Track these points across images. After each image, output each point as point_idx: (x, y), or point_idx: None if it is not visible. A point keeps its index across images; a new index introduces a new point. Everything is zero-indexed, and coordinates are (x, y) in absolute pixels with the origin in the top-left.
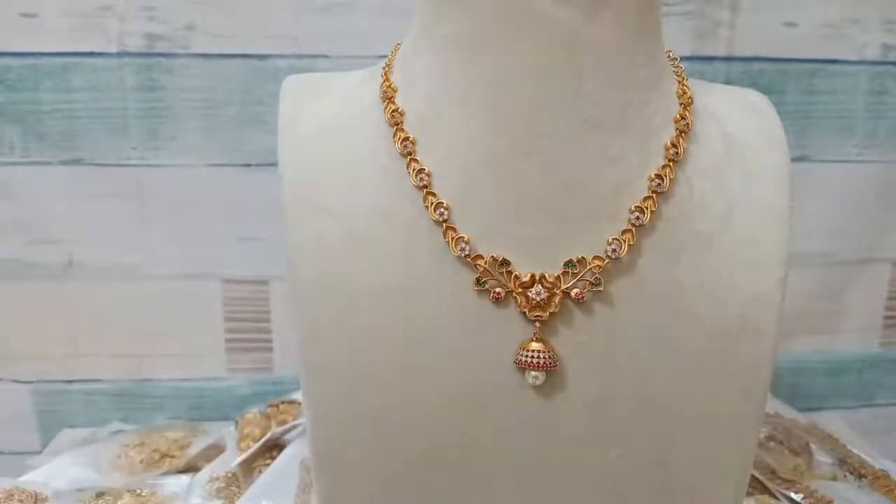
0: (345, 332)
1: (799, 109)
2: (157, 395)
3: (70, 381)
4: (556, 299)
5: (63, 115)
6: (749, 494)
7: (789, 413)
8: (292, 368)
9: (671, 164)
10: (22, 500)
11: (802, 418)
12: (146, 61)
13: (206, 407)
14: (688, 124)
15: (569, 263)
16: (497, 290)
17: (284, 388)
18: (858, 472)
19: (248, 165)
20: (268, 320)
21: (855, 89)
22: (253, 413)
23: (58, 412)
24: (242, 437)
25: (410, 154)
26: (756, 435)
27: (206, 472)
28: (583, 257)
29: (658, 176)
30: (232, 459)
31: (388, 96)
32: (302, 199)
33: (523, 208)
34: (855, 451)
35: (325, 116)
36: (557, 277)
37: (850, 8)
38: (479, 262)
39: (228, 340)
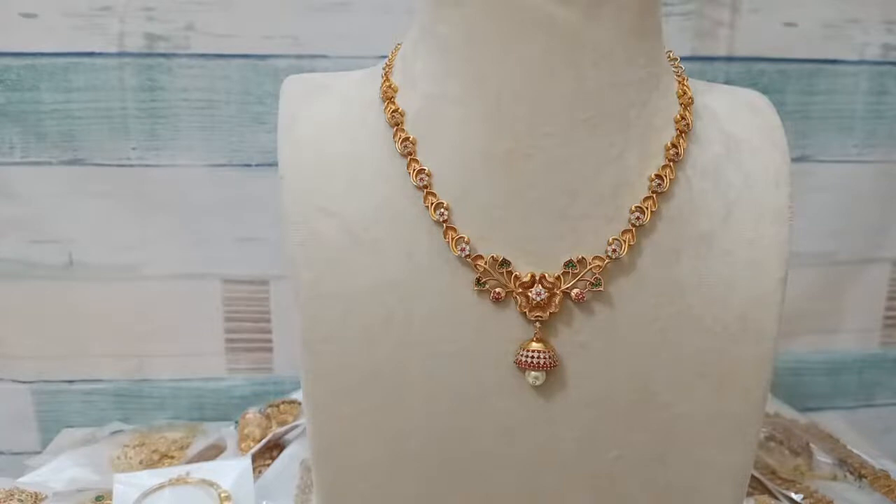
0: (345, 332)
1: (799, 109)
2: (157, 395)
3: (70, 381)
4: (557, 299)
5: (63, 115)
6: (749, 494)
7: (789, 413)
8: (292, 368)
9: (671, 164)
10: (22, 500)
11: (802, 418)
12: (146, 61)
13: (206, 407)
14: (688, 124)
15: (569, 263)
16: (497, 290)
17: (284, 388)
18: (858, 472)
19: (248, 165)
20: (268, 320)
21: (855, 89)
22: (253, 413)
23: (58, 412)
24: (243, 438)
25: (411, 154)
26: (756, 435)
27: None
28: (583, 257)
29: (658, 176)
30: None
31: (388, 96)
32: (302, 199)
33: (523, 208)
34: (855, 451)
35: (325, 117)
36: (557, 277)
37: (850, 8)
38: (479, 262)
39: (228, 340)
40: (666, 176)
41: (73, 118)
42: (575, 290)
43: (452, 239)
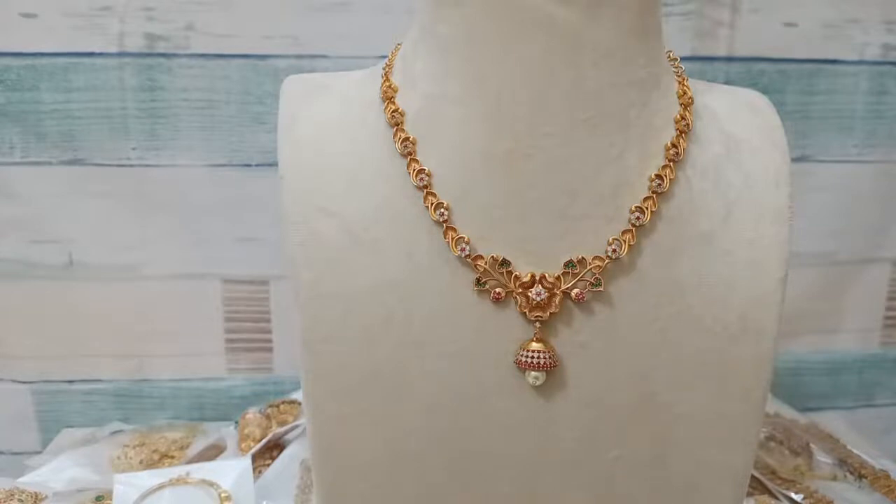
0: (345, 332)
1: (799, 109)
2: (157, 395)
3: (70, 381)
4: (557, 299)
5: (63, 115)
6: (749, 494)
7: (789, 413)
8: (292, 368)
9: (671, 164)
10: (22, 500)
11: (802, 418)
12: (146, 61)
13: (206, 407)
14: (688, 124)
15: (569, 264)
16: (497, 290)
17: (284, 388)
18: (858, 472)
19: (248, 165)
20: (268, 320)
21: (855, 89)
22: (253, 413)
23: (58, 412)
24: (243, 438)
25: (411, 154)
26: (756, 435)
27: None
28: (583, 257)
29: (658, 176)
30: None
31: (388, 96)
32: (302, 199)
33: (523, 208)
34: (855, 451)
35: (325, 117)
36: (557, 278)
37: (850, 8)
38: (479, 262)
39: (228, 340)
40: (666, 176)
41: (73, 118)
42: (575, 290)
43: (452, 239)
